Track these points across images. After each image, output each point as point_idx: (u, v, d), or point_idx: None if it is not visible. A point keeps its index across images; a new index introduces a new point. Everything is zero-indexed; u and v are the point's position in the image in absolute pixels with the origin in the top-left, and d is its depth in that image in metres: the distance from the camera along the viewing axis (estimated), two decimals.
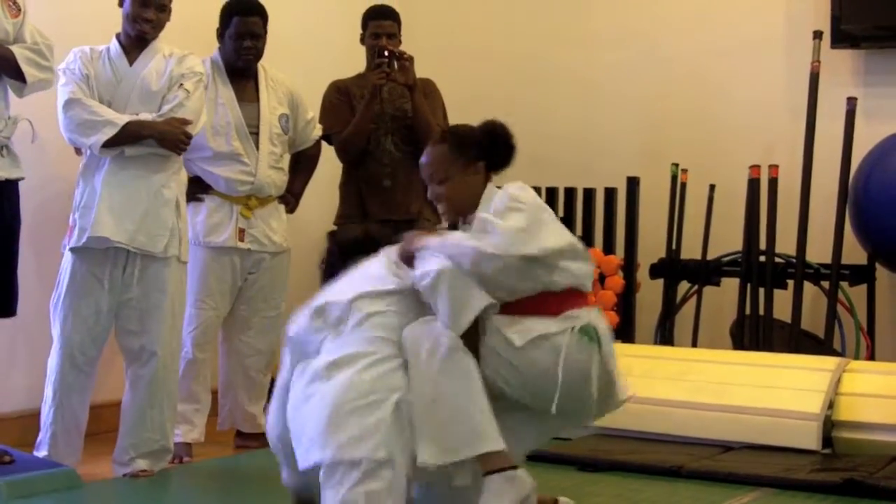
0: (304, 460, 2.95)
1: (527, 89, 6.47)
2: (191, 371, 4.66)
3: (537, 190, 5.94)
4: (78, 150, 4.17)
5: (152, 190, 4.13)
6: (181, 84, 4.19)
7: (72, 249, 4.10)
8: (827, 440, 4.60)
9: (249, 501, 3.97)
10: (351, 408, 2.87)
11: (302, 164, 5.04)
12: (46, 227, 4.55)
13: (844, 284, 5.50)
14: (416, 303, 3.07)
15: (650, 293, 5.78)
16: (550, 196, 6.01)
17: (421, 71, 5.27)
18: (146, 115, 4.11)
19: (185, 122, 4.15)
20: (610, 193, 5.93)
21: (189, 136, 4.16)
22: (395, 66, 5.13)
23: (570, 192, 6.00)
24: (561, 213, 6.00)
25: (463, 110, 5.78)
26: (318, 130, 5.07)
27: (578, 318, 3.06)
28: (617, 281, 5.68)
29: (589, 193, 5.97)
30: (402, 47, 5.28)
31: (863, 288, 5.51)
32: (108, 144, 4.02)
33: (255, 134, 4.77)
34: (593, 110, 6.32)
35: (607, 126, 6.27)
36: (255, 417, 4.90)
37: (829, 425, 4.62)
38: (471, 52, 6.58)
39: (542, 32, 6.48)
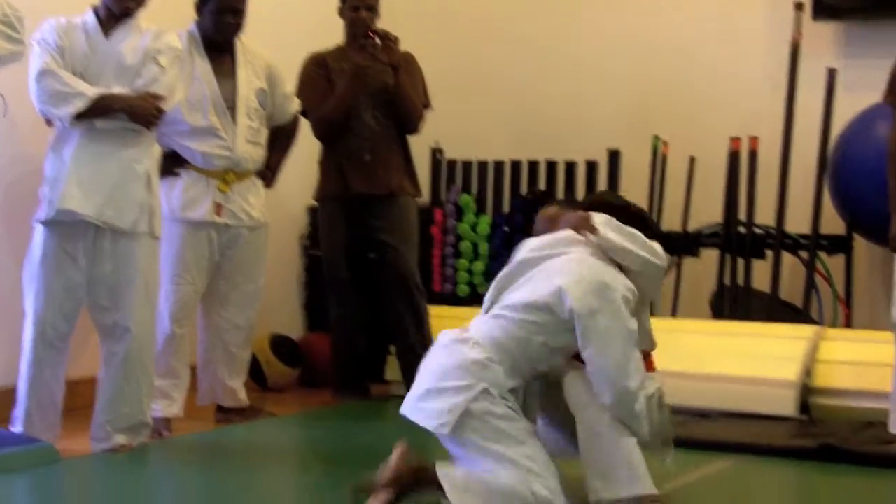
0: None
1: (509, 63, 6.46)
2: (169, 346, 4.65)
3: (518, 164, 6.03)
4: (49, 122, 4.15)
5: (123, 164, 4.09)
6: (156, 59, 4.17)
7: (43, 223, 4.08)
8: (804, 407, 4.64)
9: (230, 475, 3.97)
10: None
11: (280, 139, 5.02)
12: (20, 203, 4.52)
13: (823, 254, 5.53)
14: (564, 331, 3.26)
15: None
16: (532, 169, 6.02)
17: (403, 44, 5.26)
18: (119, 90, 4.09)
19: (158, 98, 4.12)
20: (591, 166, 5.93)
21: (161, 112, 4.13)
22: (380, 45, 5.12)
23: (551, 165, 6.01)
24: (543, 186, 6.01)
25: (445, 83, 5.81)
26: (296, 105, 5.05)
27: (654, 380, 3.37)
28: None
29: (570, 166, 5.97)
30: (383, 20, 5.28)
31: (841, 257, 5.54)
32: (79, 117, 4.00)
33: (232, 108, 4.74)
34: (575, 84, 6.31)
35: (588, 99, 6.27)
36: (235, 392, 4.90)
37: (806, 392, 4.64)
38: (452, 25, 6.57)
39: (523, 5, 6.47)
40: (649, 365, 3.48)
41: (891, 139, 4.25)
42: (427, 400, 3.26)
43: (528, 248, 3.45)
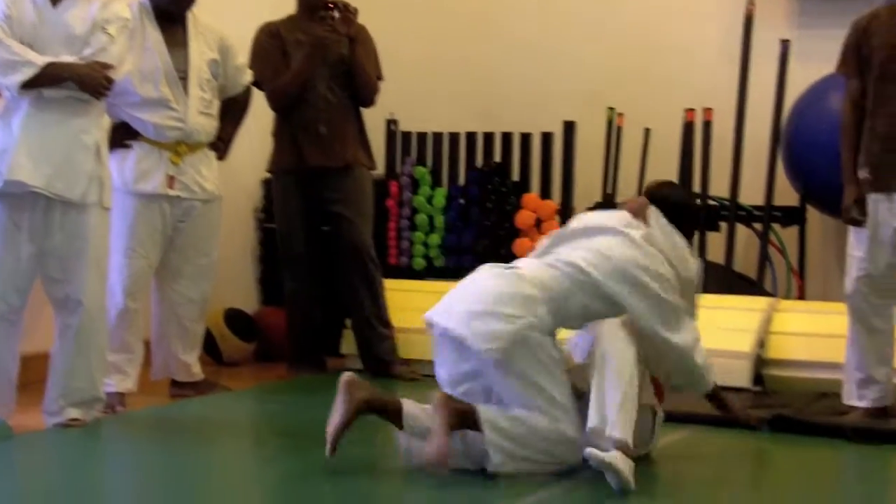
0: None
1: (463, 35, 6.45)
2: (123, 321, 4.60)
3: (473, 136, 6.01)
4: None
5: (71, 135, 4.04)
6: (105, 29, 4.11)
7: None
8: (758, 378, 4.68)
9: (185, 450, 3.94)
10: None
11: (232, 111, 4.96)
12: None
13: (776, 226, 5.56)
14: (603, 299, 3.50)
15: None
16: (487, 141, 6.01)
17: (366, 24, 5.23)
18: (68, 59, 4.03)
19: (107, 67, 4.07)
20: (546, 138, 5.94)
21: (110, 81, 4.08)
22: (338, 17, 5.08)
23: (506, 137, 6.01)
24: (498, 159, 6.00)
25: (400, 55, 5.78)
26: (248, 76, 5.00)
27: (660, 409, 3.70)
28: (553, 226, 5.69)
29: (526, 138, 5.97)
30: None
31: (794, 229, 5.58)
32: (28, 85, 3.94)
33: (184, 79, 4.68)
34: (529, 56, 6.31)
35: (543, 71, 6.26)
36: (189, 366, 4.87)
37: (761, 364, 4.68)
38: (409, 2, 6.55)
39: None
40: (658, 393, 3.71)
41: (844, 110, 4.26)
42: (479, 320, 3.38)
43: (595, 216, 3.75)
